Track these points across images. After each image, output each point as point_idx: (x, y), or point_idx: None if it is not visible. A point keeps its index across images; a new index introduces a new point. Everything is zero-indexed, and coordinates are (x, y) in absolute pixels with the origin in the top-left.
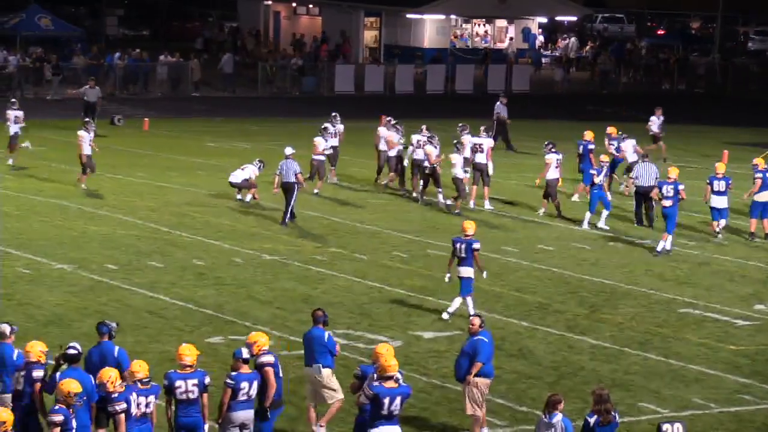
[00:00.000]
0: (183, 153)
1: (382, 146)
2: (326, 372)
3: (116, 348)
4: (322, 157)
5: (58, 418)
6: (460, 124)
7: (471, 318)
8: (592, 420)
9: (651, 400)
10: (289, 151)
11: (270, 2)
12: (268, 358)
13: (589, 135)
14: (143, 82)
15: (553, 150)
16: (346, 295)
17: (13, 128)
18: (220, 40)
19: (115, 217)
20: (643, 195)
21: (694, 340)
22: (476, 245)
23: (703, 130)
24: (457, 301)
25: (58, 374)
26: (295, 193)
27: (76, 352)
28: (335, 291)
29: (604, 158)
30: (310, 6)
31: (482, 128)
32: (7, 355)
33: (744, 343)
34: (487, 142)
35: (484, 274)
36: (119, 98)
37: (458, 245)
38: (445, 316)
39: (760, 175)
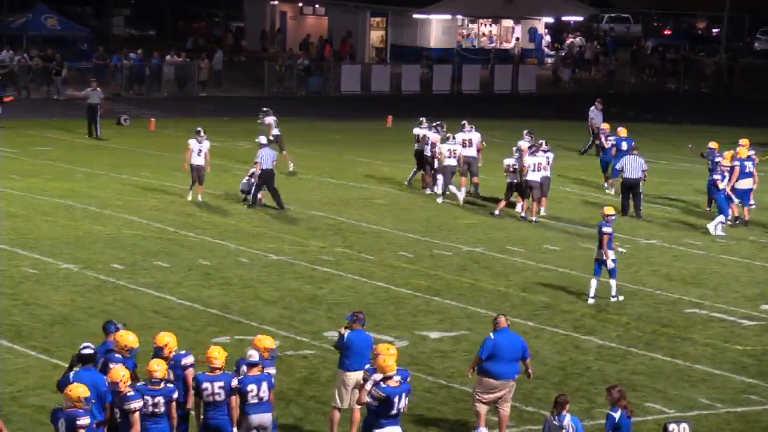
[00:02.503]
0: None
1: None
2: None
3: None
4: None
5: (86, 420)
6: (526, 130)
7: None
8: (617, 414)
9: (657, 400)
10: (264, 140)
11: (276, 2)
12: (188, 360)
13: (623, 132)
14: (150, 82)
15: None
16: (352, 295)
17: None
18: (224, 40)
19: (120, 217)
20: (629, 187)
21: (701, 340)
22: (605, 229)
23: (709, 130)
24: (613, 282)
25: (71, 374)
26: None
27: (91, 351)
28: (341, 291)
29: (726, 162)
30: (317, 6)
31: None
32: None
33: (750, 343)
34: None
35: (609, 262)
36: (125, 98)
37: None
38: (613, 298)
39: (737, 163)
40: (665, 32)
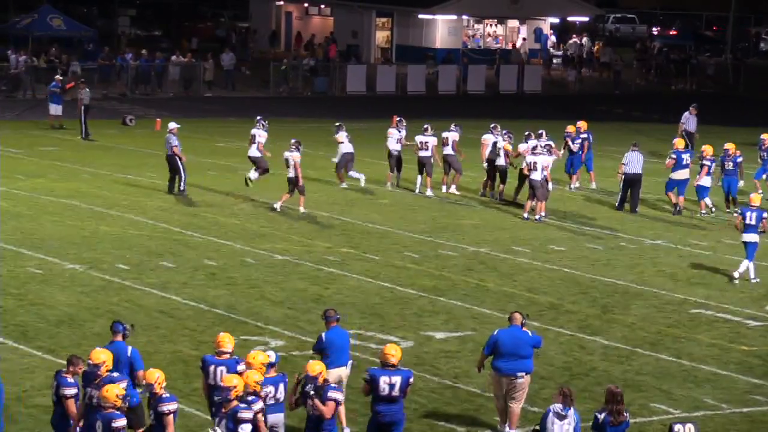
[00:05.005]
0: (193, 153)
1: (393, 146)
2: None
3: (129, 348)
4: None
5: (122, 422)
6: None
7: None
8: (601, 417)
9: (663, 401)
10: (173, 125)
11: (282, 2)
12: (241, 367)
13: (584, 126)
14: (155, 83)
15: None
16: (358, 296)
17: None
18: (231, 40)
19: (126, 217)
20: (631, 182)
21: (706, 340)
22: (765, 214)
23: (713, 130)
24: (745, 264)
25: None
26: (180, 164)
27: None
28: (346, 291)
29: None
30: (322, 6)
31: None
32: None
33: (756, 343)
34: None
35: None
36: (131, 98)
37: (748, 213)
38: (736, 276)
39: (675, 156)
40: (671, 32)
